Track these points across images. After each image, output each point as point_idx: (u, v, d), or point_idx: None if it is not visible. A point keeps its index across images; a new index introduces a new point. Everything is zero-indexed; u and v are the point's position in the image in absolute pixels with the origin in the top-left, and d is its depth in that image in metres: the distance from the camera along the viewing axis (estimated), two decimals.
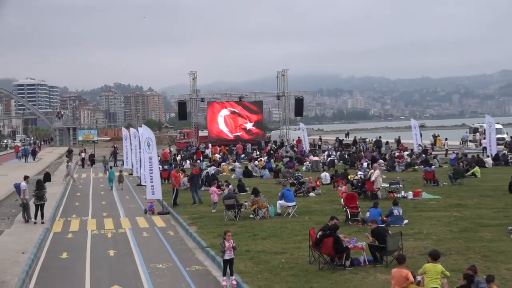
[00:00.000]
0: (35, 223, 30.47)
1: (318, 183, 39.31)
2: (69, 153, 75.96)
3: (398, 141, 75.40)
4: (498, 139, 59.75)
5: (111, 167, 59.45)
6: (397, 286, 14.67)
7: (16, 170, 53.05)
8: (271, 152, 63.95)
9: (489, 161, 51.83)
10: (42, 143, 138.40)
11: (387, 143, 72.52)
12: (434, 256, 14.63)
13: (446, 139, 76.20)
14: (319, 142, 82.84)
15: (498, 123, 67.44)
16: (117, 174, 47.54)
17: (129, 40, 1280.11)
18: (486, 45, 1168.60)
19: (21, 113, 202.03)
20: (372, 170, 37.81)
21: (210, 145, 72.27)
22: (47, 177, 49.73)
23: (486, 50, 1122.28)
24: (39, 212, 30.82)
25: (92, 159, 68.31)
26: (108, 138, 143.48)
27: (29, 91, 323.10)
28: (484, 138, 61.94)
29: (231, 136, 78.71)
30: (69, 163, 57.03)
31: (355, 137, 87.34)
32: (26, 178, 32.48)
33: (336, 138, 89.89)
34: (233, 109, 79.82)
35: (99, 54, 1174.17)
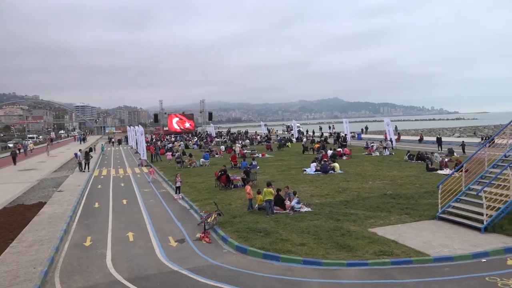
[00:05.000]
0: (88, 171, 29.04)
1: (220, 151, 39.18)
2: (110, 139, 72.45)
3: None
4: (298, 131, 61.45)
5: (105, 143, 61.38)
6: (247, 190, 14.91)
7: (75, 147, 50.06)
8: (201, 137, 62.99)
9: (294, 140, 53.18)
10: (88, 133, 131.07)
11: (255, 132, 73.10)
12: (268, 184, 14.88)
13: (277, 130, 78.62)
14: (220, 132, 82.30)
15: (298, 124, 68.84)
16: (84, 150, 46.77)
17: (131, 84, 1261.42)
18: (295, 89, 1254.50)
19: (77, 120, 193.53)
20: (235, 145, 38.74)
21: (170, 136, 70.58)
22: (91, 149, 47.85)
23: (294, 92, 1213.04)
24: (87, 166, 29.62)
25: (119, 142, 66.53)
26: (120, 131, 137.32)
27: (81, 109, 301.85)
28: (291, 130, 63.66)
29: (179, 129, 77.31)
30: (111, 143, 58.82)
31: (237, 130, 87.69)
32: (80, 150, 30.91)
33: (227, 130, 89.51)
34: (180, 118, 79.03)
35: (117, 90, 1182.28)
